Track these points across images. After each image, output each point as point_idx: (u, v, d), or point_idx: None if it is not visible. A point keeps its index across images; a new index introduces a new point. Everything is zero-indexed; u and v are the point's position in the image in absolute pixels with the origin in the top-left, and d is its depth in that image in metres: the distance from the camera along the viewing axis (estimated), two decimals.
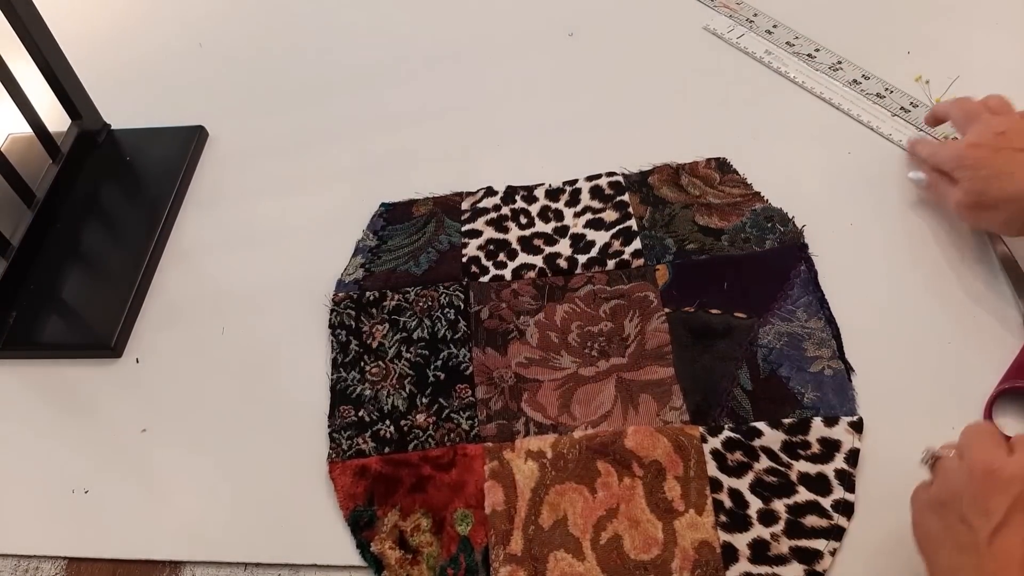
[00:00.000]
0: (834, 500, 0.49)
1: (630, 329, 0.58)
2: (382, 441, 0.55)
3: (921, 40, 0.71)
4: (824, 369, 0.54)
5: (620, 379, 0.56)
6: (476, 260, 0.63)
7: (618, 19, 0.81)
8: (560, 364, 0.57)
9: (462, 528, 0.51)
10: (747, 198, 0.64)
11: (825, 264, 0.60)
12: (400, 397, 0.57)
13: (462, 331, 0.60)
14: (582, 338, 0.58)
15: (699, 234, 0.63)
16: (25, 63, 0.69)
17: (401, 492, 0.53)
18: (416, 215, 0.67)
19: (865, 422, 0.52)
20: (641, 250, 0.62)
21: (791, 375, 0.54)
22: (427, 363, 0.58)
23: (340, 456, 0.55)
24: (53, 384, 0.63)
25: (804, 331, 0.56)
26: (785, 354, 0.55)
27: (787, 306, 0.58)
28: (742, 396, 0.54)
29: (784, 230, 0.62)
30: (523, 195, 0.67)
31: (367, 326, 0.61)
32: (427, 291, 0.62)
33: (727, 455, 0.51)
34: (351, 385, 0.58)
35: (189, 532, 0.54)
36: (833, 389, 0.53)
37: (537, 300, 0.61)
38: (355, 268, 0.64)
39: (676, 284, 0.60)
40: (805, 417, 0.52)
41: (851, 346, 0.55)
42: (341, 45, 0.84)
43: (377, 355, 0.59)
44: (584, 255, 0.63)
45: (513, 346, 0.59)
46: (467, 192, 0.68)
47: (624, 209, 0.65)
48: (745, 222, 0.63)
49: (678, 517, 0.50)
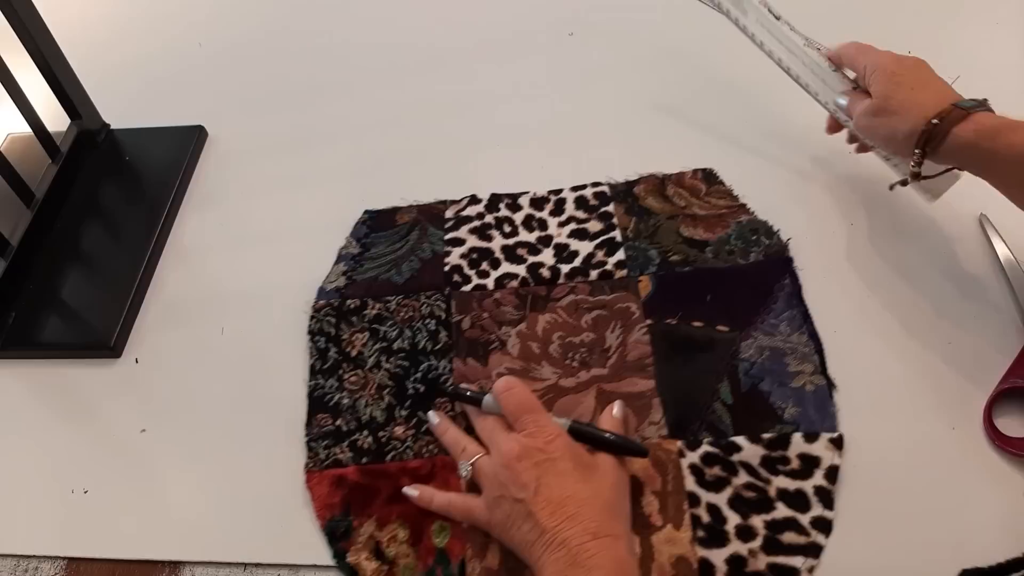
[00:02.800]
0: (812, 517, 0.49)
1: (611, 340, 0.58)
2: (360, 451, 0.55)
3: (921, 40, 0.70)
4: (806, 384, 0.54)
5: (600, 390, 0.56)
6: (459, 269, 0.63)
7: (618, 20, 0.81)
8: (541, 375, 0.57)
9: (439, 540, 0.51)
10: (733, 210, 0.64)
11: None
12: (379, 408, 0.57)
13: (443, 342, 0.59)
14: (563, 349, 0.58)
15: (683, 246, 0.62)
16: (25, 63, 0.69)
17: (378, 502, 0.52)
18: (399, 223, 0.67)
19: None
20: (624, 261, 0.62)
21: (772, 390, 0.54)
22: (407, 374, 0.58)
23: (317, 465, 0.54)
24: (53, 384, 0.62)
25: (787, 345, 0.56)
26: (767, 368, 0.55)
27: (770, 320, 0.58)
28: (722, 410, 0.54)
29: (769, 243, 0.61)
30: (507, 203, 0.67)
31: (347, 334, 0.60)
32: (409, 300, 0.61)
33: (705, 470, 0.51)
34: (329, 393, 0.58)
35: (189, 532, 0.54)
36: (814, 405, 0.53)
37: (519, 310, 0.60)
38: (337, 276, 0.64)
39: (659, 296, 0.60)
40: (785, 433, 0.52)
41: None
42: (341, 45, 0.84)
43: (356, 363, 0.59)
44: (567, 265, 0.62)
45: (494, 356, 0.58)
46: (451, 200, 0.68)
47: (608, 220, 0.64)
48: (730, 234, 0.62)
49: (655, 532, 0.49)
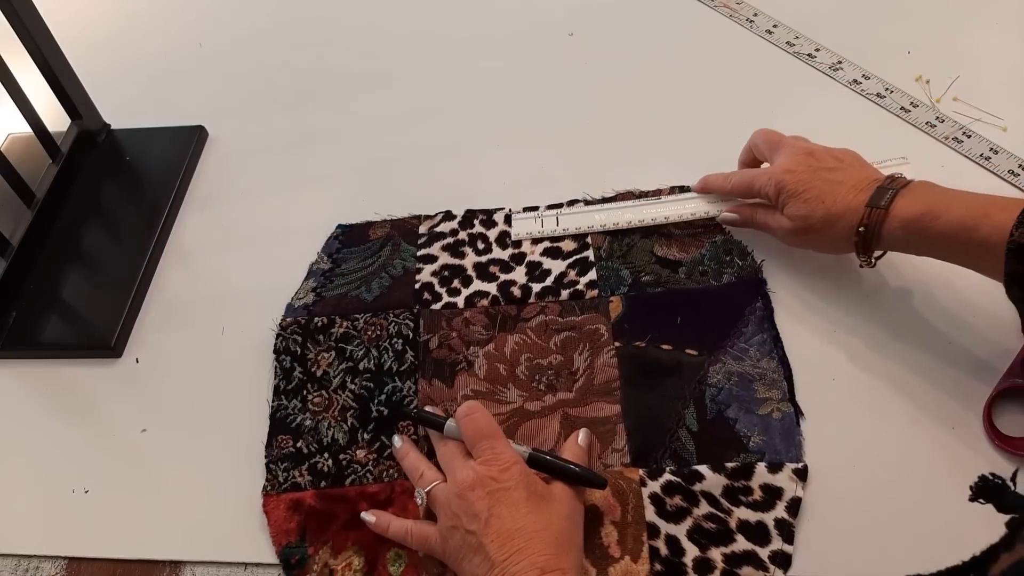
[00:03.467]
0: (772, 551, 0.48)
1: (579, 363, 0.57)
2: (319, 475, 0.54)
3: (921, 40, 0.72)
4: (773, 412, 0.53)
5: (565, 415, 0.55)
6: (429, 287, 0.62)
7: (616, 22, 0.81)
8: (506, 398, 0.56)
9: (394, 569, 0.50)
10: (708, 229, 0.63)
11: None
12: (341, 430, 0.56)
13: (409, 362, 0.58)
14: (531, 371, 0.57)
15: (656, 265, 0.61)
16: (25, 63, 0.68)
17: (335, 528, 0.52)
18: (372, 238, 0.66)
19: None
20: (596, 281, 0.61)
21: (738, 417, 0.53)
22: (371, 396, 0.57)
23: (275, 488, 0.54)
24: (53, 384, 0.63)
25: (755, 371, 0.55)
26: (734, 394, 0.54)
27: (740, 344, 0.57)
28: (687, 437, 0.53)
29: (742, 264, 0.61)
30: (482, 219, 0.66)
31: (313, 353, 0.60)
32: (377, 319, 0.61)
33: (666, 500, 0.50)
34: (291, 414, 0.57)
35: (189, 532, 0.54)
36: (780, 433, 0.52)
37: (488, 330, 0.60)
38: (306, 292, 0.63)
39: (629, 317, 0.59)
40: (749, 462, 0.51)
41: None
42: (342, 45, 0.84)
43: (321, 384, 0.58)
44: (539, 284, 0.62)
45: (460, 378, 0.58)
46: (425, 215, 0.67)
47: (583, 239, 0.64)
48: (704, 254, 0.61)
49: (613, 564, 0.48)
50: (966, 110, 0.67)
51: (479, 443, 0.49)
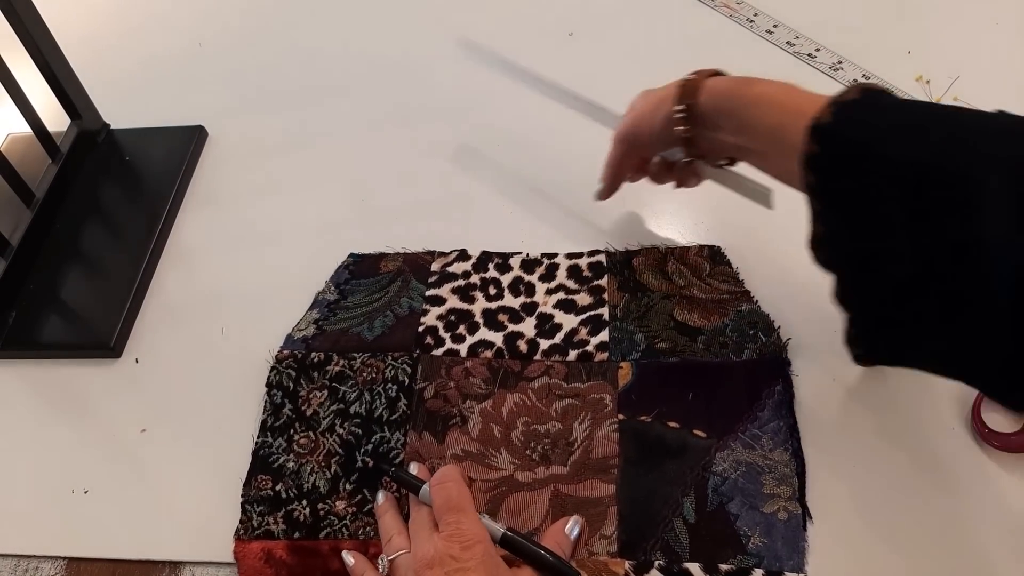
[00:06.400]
0: None
1: (578, 433, 0.54)
2: (294, 524, 0.52)
3: (921, 40, 0.72)
4: (779, 511, 0.49)
5: (556, 492, 0.52)
6: (433, 331, 0.60)
7: (616, 22, 0.79)
8: (497, 463, 0.53)
9: None
10: (735, 296, 0.59)
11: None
12: (323, 477, 0.54)
13: (401, 411, 0.56)
14: (526, 437, 0.54)
15: (674, 331, 0.58)
16: (25, 63, 0.69)
17: None
18: (383, 271, 0.64)
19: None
20: (607, 343, 0.58)
21: (741, 513, 0.49)
22: (358, 444, 0.55)
23: (248, 533, 0.52)
24: (53, 384, 0.63)
25: (766, 462, 0.51)
26: (739, 487, 0.50)
27: (753, 429, 0.53)
28: (681, 528, 0.49)
29: (767, 340, 0.56)
30: (497, 263, 0.63)
31: (305, 390, 0.58)
32: (374, 360, 0.59)
33: None
34: (275, 453, 0.55)
35: (189, 532, 0.54)
36: (784, 537, 0.48)
37: (488, 384, 0.57)
38: (307, 324, 0.61)
39: (637, 387, 0.55)
40: (745, 567, 0.47)
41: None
42: (342, 44, 0.83)
43: (309, 424, 0.56)
44: (547, 340, 0.58)
45: (453, 434, 0.55)
46: (439, 252, 0.64)
47: (599, 294, 0.60)
48: (727, 324, 0.58)
49: None
50: None
51: (446, 515, 0.46)
